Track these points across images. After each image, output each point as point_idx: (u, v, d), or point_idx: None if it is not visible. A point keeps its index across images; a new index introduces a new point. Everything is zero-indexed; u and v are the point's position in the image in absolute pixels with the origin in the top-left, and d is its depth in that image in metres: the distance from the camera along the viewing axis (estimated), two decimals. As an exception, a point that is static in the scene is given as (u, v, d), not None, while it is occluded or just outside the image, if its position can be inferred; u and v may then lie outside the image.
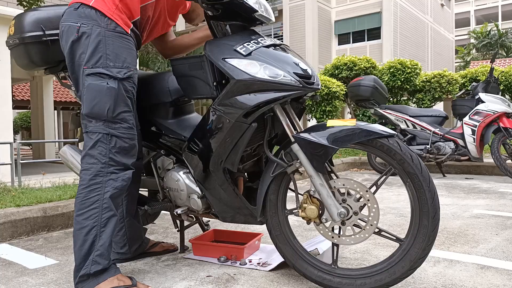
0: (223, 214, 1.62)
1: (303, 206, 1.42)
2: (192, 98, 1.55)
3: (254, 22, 1.48)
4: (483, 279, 1.58)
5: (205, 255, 1.84)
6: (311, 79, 1.42)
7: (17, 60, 1.81)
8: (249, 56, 1.37)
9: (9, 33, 1.78)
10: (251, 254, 1.82)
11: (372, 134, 1.31)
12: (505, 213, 2.75)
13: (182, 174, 1.69)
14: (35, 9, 1.76)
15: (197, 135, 1.55)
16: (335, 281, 1.40)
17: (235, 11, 1.42)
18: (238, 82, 1.34)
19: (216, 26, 1.49)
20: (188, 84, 1.50)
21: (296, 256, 1.47)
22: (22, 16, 1.72)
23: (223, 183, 1.52)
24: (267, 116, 1.50)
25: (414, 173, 1.31)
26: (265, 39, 1.48)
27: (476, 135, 4.39)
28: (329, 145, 1.31)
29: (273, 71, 1.34)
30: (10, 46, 1.79)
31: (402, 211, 2.91)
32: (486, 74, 6.89)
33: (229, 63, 1.35)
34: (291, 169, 1.44)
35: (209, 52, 1.41)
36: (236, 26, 1.48)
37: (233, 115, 1.37)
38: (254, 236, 1.90)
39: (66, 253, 2.03)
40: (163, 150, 1.75)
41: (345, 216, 1.36)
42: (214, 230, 2.04)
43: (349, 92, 5.09)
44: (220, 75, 1.44)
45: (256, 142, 1.60)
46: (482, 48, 30.71)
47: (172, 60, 1.54)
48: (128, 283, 1.41)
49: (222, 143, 1.44)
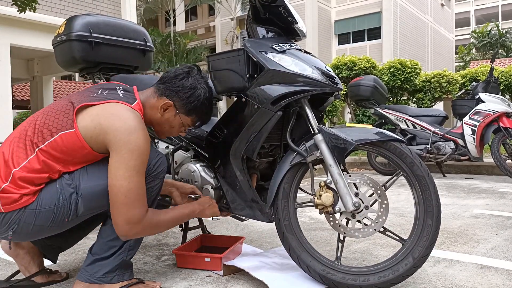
0: (234, 205, 1.67)
1: (318, 194, 1.47)
2: (222, 92, 1.64)
3: (289, 33, 1.63)
4: (483, 279, 1.58)
5: (187, 266, 1.75)
6: (335, 79, 1.54)
7: (59, 57, 1.99)
8: (283, 53, 1.51)
9: (57, 32, 1.97)
10: (233, 259, 1.73)
11: (388, 136, 1.44)
12: (505, 213, 2.75)
13: (199, 166, 1.77)
14: (87, 14, 2.01)
15: (223, 121, 1.65)
16: (339, 275, 1.43)
17: (278, 17, 1.57)
18: (270, 71, 1.47)
19: (255, 28, 1.61)
20: (222, 76, 1.60)
21: (301, 248, 1.50)
22: (74, 18, 1.94)
23: (240, 172, 1.60)
24: (293, 109, 1.58)
25: (422, 175, 1.40)
26: (298, 46, 1.62)
27: (476, 135, 4.39)
28: (350, 140, 1.43)
29: (302, 67, 1.47)
30: (55, 44, 1.97)
31: (402, 211, 2.91)
32: (486, 74, 6.90)
33: (265, 55, 1.50)
34: (311, 159, 1.49)
35: (248, 45, 1.53)
36: (273, 31, 1.62)
37: (261, 101, 1.48)
38: (236, 240, 1.88)
39: (66, 253, 2.03)
40: (184, 143, 1.85)
41: (358, 206, 1.43)
42: (202, 235, 1.99)
43: (349, 92, 5.08)
44: (254, 69, 1.55)
45: (274, 140, 1.71)
46: (482, 48, 30.72)
47: (209, 56, 1.64)
48: (135, 281, 1.46)
49: (247, 129, 1.53)
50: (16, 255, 1.55)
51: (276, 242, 2.13)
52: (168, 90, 1.44)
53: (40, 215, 1.28)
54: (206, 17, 22.57)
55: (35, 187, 1.27)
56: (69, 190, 1.30)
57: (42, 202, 1.28)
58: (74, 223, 1.37)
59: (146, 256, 1.94)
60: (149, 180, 1.40)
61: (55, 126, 1.30)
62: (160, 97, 1.45)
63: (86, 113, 1.31)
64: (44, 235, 1.36)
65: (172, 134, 1.54)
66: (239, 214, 1.68)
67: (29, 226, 1.28)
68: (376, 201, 1.45)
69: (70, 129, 1.28)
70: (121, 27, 2.06)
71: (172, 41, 17.61)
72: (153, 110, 1.45)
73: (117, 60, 2.03)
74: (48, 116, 1.33)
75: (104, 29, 1.96)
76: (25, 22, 6.98)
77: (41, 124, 1.31)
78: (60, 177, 1.31)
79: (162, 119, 1.46)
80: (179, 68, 1.50)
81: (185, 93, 1.44)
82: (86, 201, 1.31)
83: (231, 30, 19.12)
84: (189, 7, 18.00)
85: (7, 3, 6.82)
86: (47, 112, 1.35)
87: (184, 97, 1.44)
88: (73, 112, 1.30)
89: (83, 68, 2.01)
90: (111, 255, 1.39)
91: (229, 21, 19.67)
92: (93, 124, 1.28)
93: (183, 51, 17.84)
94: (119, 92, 1.39)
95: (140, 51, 2.11)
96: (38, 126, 1.31)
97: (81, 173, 1.33)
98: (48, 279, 1.60)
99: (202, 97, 1.47)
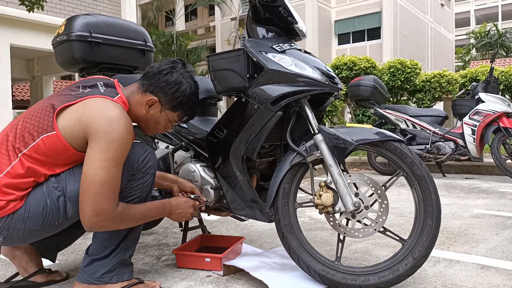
0: (234, 205, 1.68)
1: (318, 194, 1.48)
2: (222, 93, 1.64)
3: (289, 33, 1.63)
4: (483, 279, 1.58)
5: (187, 266, 1.75)
6: (335, 79, 1.54)
7: (59, 57, 2.00)
8: (283, 53, 1.51)
9: (57, 32, 1.97)
10: (233, 259, 1.73)
11: (388, 136, 1.44)
12: (505, 213, 2.75)
13: (199, 167, 1.78)
14: (87, 14, 2.00)
15: (223, 121, 1.65)
16: (339, 275, 1.43)
17: (278, 17, 1.57)
18: (270, 71, 1.47)
19: (255, 28, 1.61)
20: (222, 76, 1.61)
21: (301, 248, 1.50)
22: (74, 18, 1.94)
23: (240, 172, 1.60)
24: (293, 109, 1.58)
25: (422, 175, 1.40)
26: (298, 46, 1.62)
27: (476, 135, 4.39)
28: (350, 140, 1.43)
29: (302, 67, 1.48)
30: (55, 43, 1.97)
31: (402, 211, 2.91)
32: (486, 74, 6.89)
33: (265, 55, 1.50)
34: (311, 159, 1.49)
35: (248, 45, 1.54)
36: (273, 31, 1.63)
37: (261, 101, 1.48)
38: (236, 240, 1.88)
39: (66, 253, 2.03)
40: (184, 143, 1.85)
41: (358, 206, 1.43)
42: (202, 236, 1.99)
43: (349, 92, 5.08)
44: (253, 69, 1.55)
45: (274, 140, 1.71)
46: (481, 48, 30.71)
47: (209, 56, 1.65)
48: (135, 281, 1.45)
49: (246, 129, 1.54)
50: (13, 256, 1.54)
51: (276, 242, 2.13)
52: (153, 86, 1.42)
53: (29, 220, 1.26)
54: (206, 17, 22.57)
55: (21, 192, 1.26)
56: (56, 193, 1.29)
57: (30, 207, 1.26)
58: (65, 225, 1.36)
59: (146, 256, 1.94)
60: (139, 176, 1.38)
61: (36, 130, 1.27)
62: (145, 93, 1.42)
63: (66, 112, 1.28)
64: (37, 239, 1.36)
65: (159, 131, 1.52)
66: (239, 214, 1.68)
67: (19, 231, 1.27)
68: (376, 201, 1.45)
69: (51, 131, 1.26)
70: (121, 27, 2.06)
71: (174, 41, 17.61)
72: (138, 106, 1.42)
73: (117, 60, 2.03)
74: (28, 120, 1.31)
75: (104, 29, 1.96)
76: (25, 22, 6.98)
77: (22, 128, 1.29)
78: (47, 180, 1.30)
79: (147, 115, 1.44)
80: (163, 63, 1.47)
81: (170, 88, 1.42)
82: (74, 203, 1.29)
83: (233, 30, 19.11)
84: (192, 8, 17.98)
85: (7, 3, 6.82)
86: (28, 115, 1.33)
87: (169, 92, 1.42)
88: (53, 114, 1.28)
89: (83, 68, 2.01)
90: (108, 254, 1.38)
91: (229, 21, 19.67)
92: (72, 122, 1.26)
93: (184, 51, 17.85)
94: (100, 88, 1.37)
95: (140, 51, 2.12)
96: (19, 131, 1.29)
97: (67, 175, 1.31)
98: (48, 278, 1.59)
99: (187, 92, 1.44)
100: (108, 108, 1.27)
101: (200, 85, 1.88)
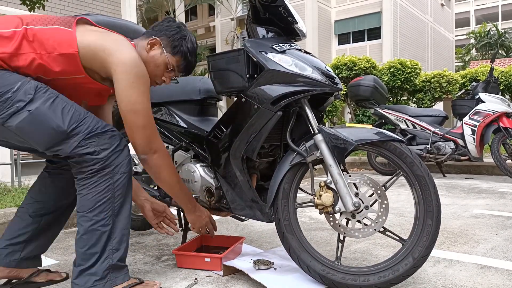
0: (234, 205, 1.68)
1: (318, 194, 1.48)
2: (222, 92, 1.65)
3: (289, 33, 1.63)
4: (483, 279, 1.58)
5: (187, 266, 1.75)
6: (335, 79, 1.54)
7: None
8: (283, 53, 1.51)
9: None
10: (233, 259, 1.74)
11: (388, 136, 1.44)
12: (505, 213, 2.75)
13: (199, 167, 1.79)
14: (87, 14, 2.01)
15: (223, 121, 1.66)
16: (339, 276, 1.43)
17: (278, 17, 1.57)
18: (270, 71, 1.47)
19: (255, 28, 1.62)
20: (222, 76, 1.62)
21: (301, 249, 1.50)
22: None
23: (240, 172, 1.60)
24: (293, 109, 1.58)
25: (422, 175, 1.40)
26: (298, 46, 1.63)
27: (476, 135, 4.39)
28: (350, 140, 1.43)
29: (302, 67, 1.48)
30: None
31: (402, 211, 2.91)
32: (486, 74, 6.89)
33: (265, 55, 1.50)
34: (311, 159, 1.49)
35: (248, 45, 1.54)
36: (273, 31, 1.63)
37: (261, 101, 1.48)
38: (236, 240, 1.88)
39: (66, 253, 2.03)
40: (184, 143, 1.86)
41: (358, 206, 1.43)
42: (202, 235, 1.96)
43: (349, 92, 5.08)
44: (253, 69, 1.56)
45: (274, 140, 1.71)
46: (481, 48, 30.72)
47: (209, 56, 1.65)
48: (135, 281, 1.43)
49: (246, 129, 1.54)
50: None
51: (276, 242, 2.13)
52: (156, 31, 1.52)
53: None
54: (206, 17, 22.57)
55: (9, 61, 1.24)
56: (28, 91, 1.23)
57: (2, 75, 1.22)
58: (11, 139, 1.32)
59: (146, 256, 1.94)
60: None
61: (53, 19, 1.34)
62: (148, 37, 1.50)
63: (86, 28, 1.36)
64: None
65: (157, 78, 1.52)
66: (239, 214, 1.69)
67: None
68: (376, 201, 1.45)
69: (68, 28, 1.32)
70: (121, 27, 2.06)
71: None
72: (141, 50, 1.49)
73: None
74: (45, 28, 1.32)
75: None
76: (25, 22, 6.98)
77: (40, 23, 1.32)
78: (35, 78, 1.29)
79: (148, 56, 1.48)
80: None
81: (172, 30, 1.50)
82: (28, 123, 1.22)
83: (231, 30, 19.11)
84: (189, 6, 17.97)
85: (7, 3, 6.82)
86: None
87: (171, 34, 1.50)
88: (73, 20, 1.36)
89: None
90: (95, 262, 1.33)
91: (229, 21, 19.67)
92: (92, 38, 1.33)
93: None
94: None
95: None
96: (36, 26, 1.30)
97: (50, 95, 1.27)
98: (48, 278, 1.59)
99: (188, 37, 1.52)
100: (132, 49, 1.37)
101: (200, 85, 1.89)
